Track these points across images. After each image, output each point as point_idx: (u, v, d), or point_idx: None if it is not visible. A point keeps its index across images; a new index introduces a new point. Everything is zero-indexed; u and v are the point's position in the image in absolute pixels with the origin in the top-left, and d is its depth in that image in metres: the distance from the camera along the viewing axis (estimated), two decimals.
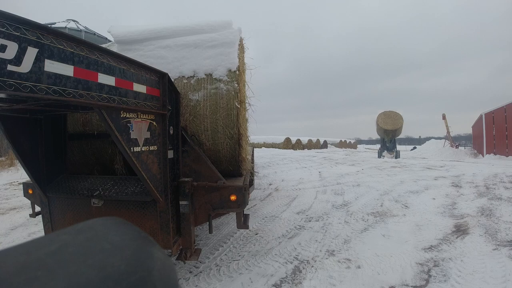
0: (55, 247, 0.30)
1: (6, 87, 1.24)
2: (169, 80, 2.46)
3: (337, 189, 7.21)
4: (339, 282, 2.69)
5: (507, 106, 17.44)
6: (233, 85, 2.99)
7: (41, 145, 2.60)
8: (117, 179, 2.73)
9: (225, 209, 2.76)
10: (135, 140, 2.05)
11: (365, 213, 4.95)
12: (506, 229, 4.06)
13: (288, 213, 4.97)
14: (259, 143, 27.67)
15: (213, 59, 3.12)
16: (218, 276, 2.82)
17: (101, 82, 1.72)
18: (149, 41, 3.35)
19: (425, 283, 2.67)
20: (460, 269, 2.91)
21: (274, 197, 6.21)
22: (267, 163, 11.55)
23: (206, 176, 2.76)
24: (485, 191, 6.81)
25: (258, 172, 8.82)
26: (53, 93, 1.43)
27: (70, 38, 1.54)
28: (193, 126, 2.99)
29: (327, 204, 5.66)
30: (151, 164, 2.22)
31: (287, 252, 3.35)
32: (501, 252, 3.29)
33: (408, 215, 4.83)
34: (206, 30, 3.36)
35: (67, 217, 2.70)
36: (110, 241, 0.32)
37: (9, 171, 9.44)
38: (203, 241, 3.68)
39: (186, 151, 2.76)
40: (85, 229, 0.34)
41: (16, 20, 1.27)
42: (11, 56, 1.25)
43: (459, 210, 5.17)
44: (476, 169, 11.20)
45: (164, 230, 2.46)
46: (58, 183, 2.76)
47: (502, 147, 17.85)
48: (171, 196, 2.46)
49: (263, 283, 2.70)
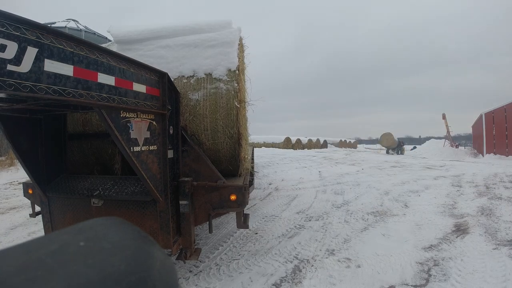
0: (55, 247, 0.30)
1: (6, 87, 1.24)
2: (169, 79, 2.46)
3: (337, 188, 7.21)
4: (339, 281, 2.69)
5: (507, 106, 17.44)
6: (233, 85, 2.99)
7: (41, 145, 2.60)
8: (117, 179, 2.73)
9: (225, 209, 2.76)
10: (135, 140, 2.05)
11: (365, 213, 4.96)
12: (506, 229, 4.06)
13: (288, 213, 4.97)
14: (259, 142, 27.66)
15: (213, 59, 3.12)
16: (218, 275, 2.83)
17: (101, 82, 1.72)
18: (148, 40, 3.34)
19: (425, 283, 2.67)
20: (460, 269, 2.91)
21: (274, 197, 6.22)
22: (267, 162, 11.55)
23: (206, 176, 2.75)
24: (485, 190, 6.81)
25: (258, 172, 8.82)
26: (53, 92, 1.43)
27: (70, 38, 1.54)
28: (193, 125, 2.99)
29: (327, 203, 5.66)
30: (151, 163, 2.22)
31: (287, 252, 3.35)
32: (501, 251, 3.30)
33: (408, 215, 4.83)
34: (205, 29, 3.36)
35: (67, 217, 2.70)
36: (110, 241, 0.32)
37: (9, 170, 9.44)
38: (203, 241, 3.68)
39: (186, 150, 2.76)
40: (85, 229, 0.34)
41: (15, 19, 1.26)
42: (11, 55, 1.24)
43: (459, 209, 5.17)
44: (476, 168, 11.20)
45: (164, 229, 2.46)
46: (58, 183, 2.76)
47: (502, 147, 17.85)
48: (171, 196, 2.46)
49: (263, 282, 2.70)
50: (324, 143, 40.60)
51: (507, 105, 17.42)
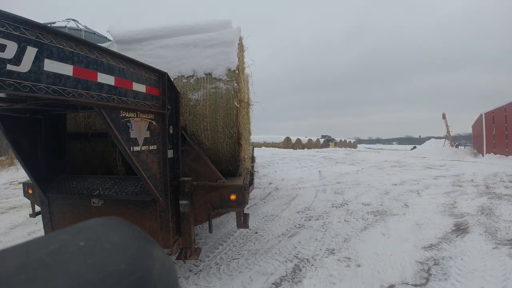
0: (55, 246, 0.30)
1: (6, 87, 1.23)
2: (169, 79, 2.45)
3: (337, 188, 7.22)
4: (339, 281, 2.69)
5: (507, 106, 17.43)
6: (233, 85, 2.98)
7: (41, 145, 2.60)
8: (117, 178, 2.73)
9: (225, 209, 2.76)
10: (135, 140, 2.05)
11: (365, 212, 4.96)
12: (506, 228, 4.06)
13: (288, 212, 4.97)
14: (259, 142, 27.66)
15: (213, 59, 3.11)
16: (218, 274, 2.83)
17: (100, 82, 1.72)
18: (148, 40, 3.34)
19: (425, 282, 2.68)
20: (460, 268, 2.91)
21: (274, 196, 6.22)
22: (267, 162, 11.55)
23: (206, 176, 2.75)
24: (485, 190, 6.82)
25: (258, 172, 8.82)
26: (53, 92, 1.42)
27: (70, 38, 1.53)
28: (193, 125, 2.99)
29: (327, 203, 5.66)
30: (151, 163, 2.22)
31: (287, 251, 3.35)
32: (501, 250, 3.30)
33: (408, 214, 4.84)
34: (205, 29, 3.36)
35: (67, 217, 2.70)
36: (110, 241, 0.32)
37: (9, 170, 9.44)
38: (203, 240, 3.68)
39: (186, 150, 2.76)
40: (85, 229, 0.34)
41: (15, 19, 1.26)
42: (10, 55, 1.24)
43: (459, 209, 5.17)
44: (476, 168, 11.21)
45: (164, 229, 2.46)
46: (58, 183, 2.76)
47: (502, 147, 17.84)
48: (171, 196, 2.46)
49: (263, 281, 2.70)
50: (324, 143, 40.48)
51: (507, 105, 17.41)
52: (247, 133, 3.81)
